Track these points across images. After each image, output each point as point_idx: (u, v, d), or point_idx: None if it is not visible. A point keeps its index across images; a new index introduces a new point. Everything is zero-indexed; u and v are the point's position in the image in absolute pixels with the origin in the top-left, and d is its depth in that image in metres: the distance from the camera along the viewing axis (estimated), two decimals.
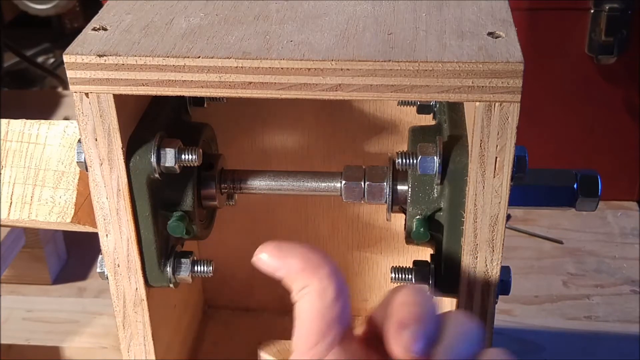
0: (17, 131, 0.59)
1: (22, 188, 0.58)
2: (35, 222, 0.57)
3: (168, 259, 0.53)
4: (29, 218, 0.57)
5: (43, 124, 0.59)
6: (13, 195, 0.58)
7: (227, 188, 0.54)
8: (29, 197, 0.57)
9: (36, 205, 0.57)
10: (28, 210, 0.57)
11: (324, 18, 0.47)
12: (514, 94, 0.43)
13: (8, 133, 0.59)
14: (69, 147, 0.57)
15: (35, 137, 0.59)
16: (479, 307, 0.49)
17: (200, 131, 0.54)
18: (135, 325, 0.53)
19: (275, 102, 0.46)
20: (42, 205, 0.57)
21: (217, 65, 0.44)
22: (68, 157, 0.57)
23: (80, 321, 0.88)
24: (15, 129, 0.59)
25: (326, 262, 0.40)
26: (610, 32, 0.99)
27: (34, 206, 0.57)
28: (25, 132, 0.59)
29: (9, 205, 0.58)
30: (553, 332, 0.85)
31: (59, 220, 0.56)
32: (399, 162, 0.48)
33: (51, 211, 0.57)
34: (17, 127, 0.59)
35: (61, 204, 0.57)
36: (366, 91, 0.43)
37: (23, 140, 0.59)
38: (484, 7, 0.48)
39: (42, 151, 0.59)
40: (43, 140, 0.59)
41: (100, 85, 0.45)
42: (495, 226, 0.47)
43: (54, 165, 0.58)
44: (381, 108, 0.63)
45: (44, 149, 0.59)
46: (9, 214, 0.57)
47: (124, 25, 0.47)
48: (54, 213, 0.57)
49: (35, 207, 0.57)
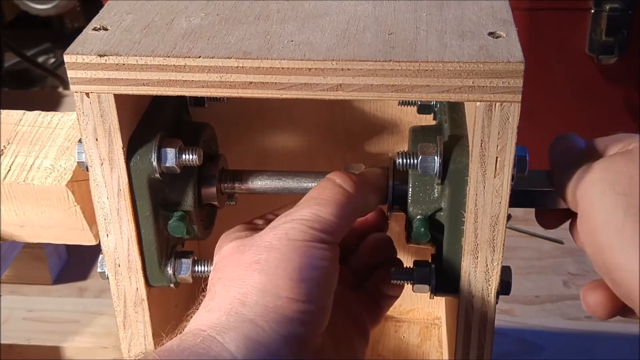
0: (30, 119, 0.62)
1: (24, 158, 0.59)
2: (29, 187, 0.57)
3: (169, 258, 0.53)
4: (24, 182, 0.57)
5: (57, 114, 0.61)
6: (13, 164, 0.58)
7: (227, 188, 0.54)
8: (29, 166, 0.58)
9: (34, 172, 0.58)
10: (25, 176, 0.58)
11: (325, 18, 0.47)
12: (514, 94, 0.43)
13: (22, 120, 0.61)
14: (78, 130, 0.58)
15: (47, 124, 0.61)
16: (480, 307, 0.49)
17: (200, 131, 0.54)
18: (136, 325, 0.53)
19: (275, 102, 0.46)
20: (40, 172, 0.58)
21: (218, 65, 0.43)
22: (76, 137, 0.57)
23: (81, 321, 0.88)
24: (29, 117, 0.62)
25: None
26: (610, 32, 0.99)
27: (31, 172, 0.58)
28: (38, 120, 0.61)
29: (7, 171, 0.58)
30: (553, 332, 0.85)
31: (54, 184, 0.57)
32: (400, 162, 0.48)
33: (48, 176, 0.57)
34: (31, 117, 0.62)
35: (59, 170, 0.57)
36: (367, 91, 0.43)
37: (35, 125, 0.61)
38: (485, 7, 0.48)
39: (52, 133, 0.60)
40: (54, 125, 0.61)
41: (100, 85, 0.45)
42: (496, 226, 0.47)
43: (60, 142, 0.59)
44: (382, 108, 0.63)
45: (53, 131, 0.60)
46: (4, 178, 0.58)
47: (125, 25, 0.47)
48: (50, 177, 0.57)
49: (32, 173, 0.58)
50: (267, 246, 0.45)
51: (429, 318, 0.74)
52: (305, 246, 0.44)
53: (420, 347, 0.72)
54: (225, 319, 0.43)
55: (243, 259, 0.45)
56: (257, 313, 0.43)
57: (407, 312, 0.74)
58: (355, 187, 0.48)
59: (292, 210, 0.47)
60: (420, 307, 0.74)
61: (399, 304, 0.74)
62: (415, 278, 0.51)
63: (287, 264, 0.44)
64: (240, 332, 0.42)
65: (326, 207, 0.46)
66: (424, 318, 0.74)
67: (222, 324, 0.42)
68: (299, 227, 0.45)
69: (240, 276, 0.44)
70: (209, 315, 0.44)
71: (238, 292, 0.44)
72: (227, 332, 0.42)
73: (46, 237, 0.62)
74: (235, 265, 0.45)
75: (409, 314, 0.74)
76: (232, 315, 0.43)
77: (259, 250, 0.45)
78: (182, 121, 0.55)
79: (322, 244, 0.45)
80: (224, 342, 0.41)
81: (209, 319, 0.43)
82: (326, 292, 0.45)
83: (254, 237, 0.47)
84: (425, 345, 0.72)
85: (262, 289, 0.43)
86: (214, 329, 0.42)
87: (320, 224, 0.45)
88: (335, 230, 0.46)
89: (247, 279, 0.44)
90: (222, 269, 0.46)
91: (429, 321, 0.74)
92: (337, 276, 0.46)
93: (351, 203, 0.48)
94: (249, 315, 0.43)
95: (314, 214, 0.46)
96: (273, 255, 0.44)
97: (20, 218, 0.60)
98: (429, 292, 0.51)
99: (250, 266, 0.44)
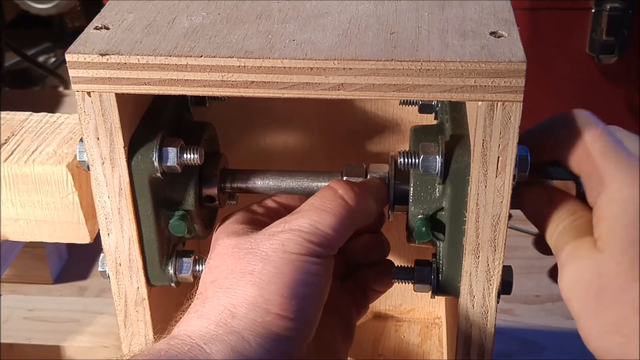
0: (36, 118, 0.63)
1: (27, 144, 0.60)
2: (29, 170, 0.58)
3: (169, 258, 0.53)
4: (25, 163, 0.58)
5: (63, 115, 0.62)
6: (16, 151, 0.59)
7: (228, 187, 0.54)
8: (31, 151, 0.59)
9: (36, 155, 0.59)
10: (26, 158, 0.59)
11: (327, 17, 0.47)
12: (516, 94, 0.43)
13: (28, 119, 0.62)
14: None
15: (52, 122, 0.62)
16: (481, 307, 0.49)
17: (201, 130, 0.54)
18: (137, 325, 0.53)
19: (277, 101, 0.46)
20: (41, 156, 0.59)
21: (220, 64, 0.43)
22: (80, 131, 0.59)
23: (82, 320, 0.88)
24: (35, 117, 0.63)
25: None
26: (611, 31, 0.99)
27: (33, 156, 0.59)
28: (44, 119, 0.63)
29: (9, 155, 0.59)
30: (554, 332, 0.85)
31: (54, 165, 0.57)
32: (401, 162, 0.48)
33: (49, 159, 0.58)
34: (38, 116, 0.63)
35: (61, 154, 0.58)
36: (368, 90, 0.43)
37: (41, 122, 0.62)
38: (486, 6, 0.48)
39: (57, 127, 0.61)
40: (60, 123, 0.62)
41: (102, 84, 0.45)
42: (497, 226, 0.47)
43: (64, 134, 0.60)
44: (383, 107, 0.63)
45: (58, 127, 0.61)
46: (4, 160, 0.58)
47: (126, 24, 0.47)
48: (52, 160, 0.58)
49: (34, 157, 0.59)
50: (262, 257, 0.45)
51: (430, 317, 0.74)
52: (299, 260, 0.45)
53: (421, 347, 0.72)
54: (213, 329, 0.44)
55: (238, 265, 0.46)
56: (245, 326, 0.43)
57: (407, 311, 0.74)
58: (356, 200, 0.48)
59: (291, 216, 0.48)
60: (420, 306, 0.74)
61: (399, 304, 0.74)
62: (416, 277, 0.51)
63: (280, 279, 0.44)
64: (226, 344, 0.43)
65: (325, 219, 0.47)
66: (425, 317, 0.74)
67: (210, 334, 0.43)
68: (296, 239, 0.46)
69: (232, 285, 0.45)
70: (198, 322, 0.45)
71: (229, 303, 0.44)
72: (214, 343, 0.43)
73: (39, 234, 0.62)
74: (229, 272, 0.46)
75: (410, 313, 0.74)
76: (221, 327, 0.44)
77: (254, 260, 0.45)
78: (183, 120, 0.55)
79: (318, 258, 0.45)
80: (210, 353, 0.42)
81: (198, 326, 0.44)
82: (316, 307, 0.46)
83: (250, 240, 0.47)
84: (425, 344, 0.72)
85: (252, 302, 0.44)
86: (202, 339, 0.43)
87: (317, 237, 0.46)
88: (332, 244, 0.47)
89: (239, 289, 0.45)
90: (215, 270, 0.47)
91: (430, 321, 0.74)
92: (329, 289, 0.47)
93: (351, 216, 0.48)
94: (237, 328, 0.43)
95: (312, 226, 0.46)
96: (267, 268, 0.45)
97: (15, 210, 0.60)
98: (429, 292, 0.51)
99: (244, 277, 0.45)
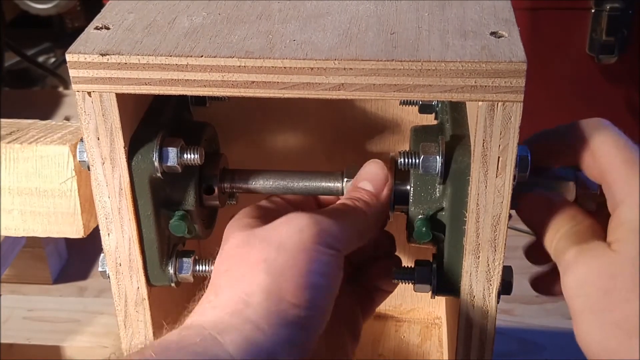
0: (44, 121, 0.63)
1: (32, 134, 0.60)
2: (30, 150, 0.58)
3: (170, 258, 0.53)
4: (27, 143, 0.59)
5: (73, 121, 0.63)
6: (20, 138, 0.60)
7: (228, 187, 0.54)
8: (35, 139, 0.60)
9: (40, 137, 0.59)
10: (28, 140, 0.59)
11: (327, 17, 0.47)
12: (516, 94, 0.43)
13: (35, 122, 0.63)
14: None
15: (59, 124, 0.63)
16: (481, 307, 0.49)
17: (202, 130, 0.54)
18: (137, 325, 0.53)
19: (277, 102, 0.46)
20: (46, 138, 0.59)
21: (220, 64, 0.43)
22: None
23: (81, 320, 0.88)
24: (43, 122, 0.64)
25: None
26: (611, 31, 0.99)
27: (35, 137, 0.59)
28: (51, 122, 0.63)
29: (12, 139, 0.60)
30: (554, 332, 0.85)
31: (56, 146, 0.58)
32: (401, 162, 0.48)
33: (52, 141, 0.59)
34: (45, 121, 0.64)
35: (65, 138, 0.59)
36: (369, 90, 0.43)
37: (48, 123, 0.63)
38: (487, 6, 0.48)
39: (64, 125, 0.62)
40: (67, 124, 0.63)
41: (102, 84, 0.45)
42: (498, 226, 0.47)
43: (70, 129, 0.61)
44: (383, 107, 0.63)
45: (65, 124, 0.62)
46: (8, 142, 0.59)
47: (127, 24, 0.47)
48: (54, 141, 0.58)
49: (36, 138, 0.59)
50: (277, 245, 0.45)
51: (430, 318, 0.74)
52: (315, 250, 0.44)
53: (421, 347, 0.72)
54: (228, 318, 0.43)
55: (251, 254, 0.45)
56: (260, 315, 0.43)
57: (407, 311, 0.74)
58: (376, 216, 0.50)
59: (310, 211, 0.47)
60: (420, 306, 0.74)
61: (399, 304, 0.74)
62: (416, 278, 0.51)
63: (294, 268, 0.44)
64: (241, 333, 0.42)
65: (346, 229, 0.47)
66: (425, 318, 0.74)
67: (224, 324, 0.43)
68: (314, 227, 0.45)
69: (246, 274, 0.44)
70: (212, 312, 0.44)
71: (243, 292, 0.44)
72: (228, 333, 0.42)
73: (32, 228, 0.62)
74: (242, 261, 0.45)
75: (410, 313, 0.74)
76: (235, 316, 0.43)
77: (268, 248, 0.45)
78: (183, 120, 0.55)
79: (332, 249, 0.45)
80: (223, 343, 0.42)
81: (212, 316, 0.43)
82: (329, 298, 0.45)
83: (264, 228, 0.47)
84: (425, 345, 0.72)
85: (267, 290, 0.43)
86: (216, 329, 0.42)
87: (332, 235, 0.46)
88: (345, 246, 0.47)
89: (253, 278, 0.44)
90: (229, 260, 0.46)
91: (430, 321, 0.74)
92: (340, 282, 0.46)
93: (368, 230, 0.49)
94: (251, 316, 0.43)
95: (332, 222, 0.46)
96: (281, 256, 0.44)
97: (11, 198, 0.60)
98: (429, 292, 0.51)
99: (258, 265, 0.44)
